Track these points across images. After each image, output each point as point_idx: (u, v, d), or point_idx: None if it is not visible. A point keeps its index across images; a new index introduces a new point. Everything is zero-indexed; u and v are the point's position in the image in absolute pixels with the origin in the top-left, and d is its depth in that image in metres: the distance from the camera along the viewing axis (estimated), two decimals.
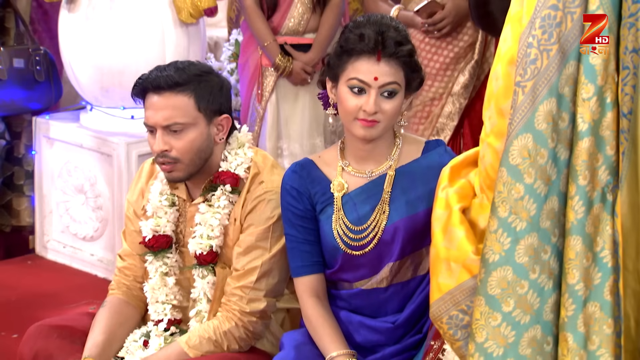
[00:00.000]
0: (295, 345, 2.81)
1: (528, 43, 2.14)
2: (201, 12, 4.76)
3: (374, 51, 2.66)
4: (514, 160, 2.14)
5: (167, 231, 3.01)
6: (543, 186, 2.14)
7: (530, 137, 2.13)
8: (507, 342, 2.17)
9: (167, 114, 2.86)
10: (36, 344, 2.96)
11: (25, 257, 5.14)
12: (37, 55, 5.00)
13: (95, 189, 4.86)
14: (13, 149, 5.17)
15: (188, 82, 2.87)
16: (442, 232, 2.32)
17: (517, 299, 2.16)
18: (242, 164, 2.96)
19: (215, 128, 2.92)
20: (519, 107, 2.14)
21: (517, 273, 2.16)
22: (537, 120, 2.13)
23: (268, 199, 2.92)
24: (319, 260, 2.85)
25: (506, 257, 2.16)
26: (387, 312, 2.84)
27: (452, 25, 4.35)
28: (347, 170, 2.83)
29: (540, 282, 2.17)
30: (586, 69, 2.11)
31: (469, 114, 4.46)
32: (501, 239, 2.16)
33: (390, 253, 2.78)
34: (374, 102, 2.67)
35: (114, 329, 2.99)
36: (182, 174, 2.91)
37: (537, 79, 2.12)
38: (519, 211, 2.15)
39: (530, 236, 2.15)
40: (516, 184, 2.14)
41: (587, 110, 2.11)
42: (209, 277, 2.96)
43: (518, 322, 2.17)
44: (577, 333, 2.15)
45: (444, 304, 2.30)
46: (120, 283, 3.11)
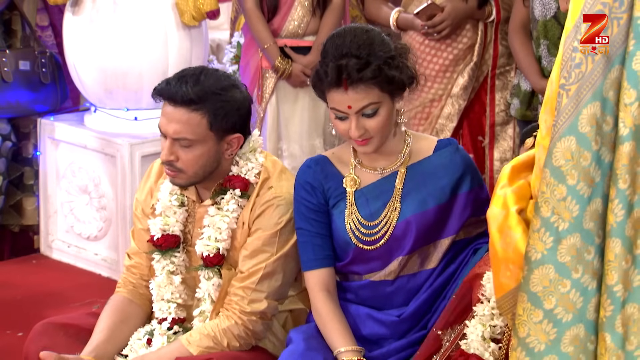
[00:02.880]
0: (304, 338, 2.85)
1: (573, 47, 2.12)
2: (204, 14, 4.78)
3: (339, 84, 2.71)
4: (557, 161, 2.14)
5: (175, 231, 3.02)
6: (586, 188, 2.13)
7: (573, 140, 2.12)
8: (549, 338, 2.18)
9: (177, 128, 2.86)
10: (42, 342, 2.97)
11: (30, 256, 5.15)
12: (43, 57, 5.01)
13: (99, 190, 4.88)
14: (21, 150, 5.17)
15: (204, 101, 2.85)
16: (498, 232, 2.31)
17: (559, 297, 2.17)
18: (253, 169, 2.97)
19: (225, 144, 2.92)
20: (563, 109, 2.13)
21: (559, 272, 2.16)
22: (580, 123, 2.12)
23: (277, 204, 2.94)
24: (330, 254, 2.88)
25: (548, 256, 2.16)
26: (393, 305, 2.88)
27: (451, 28, 4.36)
28: (360, 167, 2.88)
29: (584, 282, 2.16)
30: (629, 74, 2.09)
31: (468, 115, 4.48)
32: (543, 238, 2.16)
33: (401, 248, 2.82)
34: (355, 127, 2.73)
35: (114, 328, 3.00)
36: (184, 182, 2.94)
37: (581, 82, 2.11)
38: (561, 212, 2.14)
39: (572, 236, 2.15)
40: (559, 185, 2.14)
41: (628, 115, 2.09)
42: (215, 279, 2.97)
43: (560, 319, 2.17)
44: (615, 333, 2.14)
45: (507, 301, 2.30)
46: (127, 281, 3.12)
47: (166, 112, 2.89)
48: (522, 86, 4.29)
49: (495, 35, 4.44)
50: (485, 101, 4.49)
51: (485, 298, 2.64)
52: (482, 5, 4.39)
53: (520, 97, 4.29)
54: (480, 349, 2.61)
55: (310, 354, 2.78)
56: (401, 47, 2.80)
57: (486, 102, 4.49)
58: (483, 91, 4.49)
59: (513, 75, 4.45)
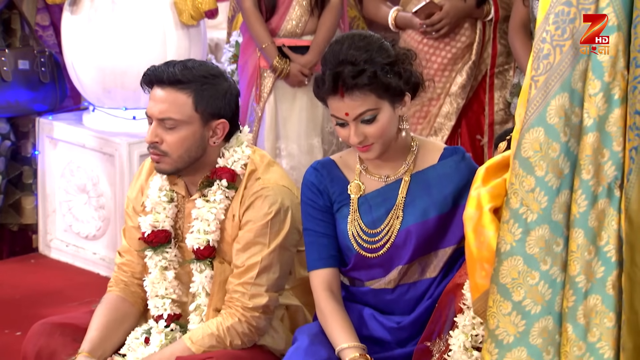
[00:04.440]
0: (309, 334, 2.86)
1: (542, 38, 2.13)
2: (202, 14, 4.80)
3: (335, 91, 2.71)
4: (525, 152, 2.14)
5: (165, 226, 3.03)
6: (555, 179, 2.14)
7: (542, 131, 2.13)
8: (518, 330, 2.17)
9: (163, 108, 2.90)
10: (39, 342, 2.99)
11: (28, 255, 5.16)
12: (42, 56, 5.02)
13: (97, 189, 4.89)
14: (20, 149, 5.17)
15: (190, 82, 2.90)
16: (473, 232, 2.31)
17: (528, 289, 2.16)
18: (239, 160, 2.98)
19: (210, 131, 2.94)
20: (532, 100, 2.14)
21: (528, 263, 2.16)
22: (549, 114, 2.13)
23: (265, 195, 2.95)
24: (335, 255, 2.89)
25: (517, 247, 2.16)
26: (395, 312, 2.89)
27: (450, 26, 4.37)
28: (365, 173, 2.88)
29: (552, 273, 2.16)
30: (594, 65, 2.10)
31: (466, 113, 4.49)
32: (512, 230, 2.16)
33: (401, 256, 2.83)
34: (354, 134, 2.73)
35: (109, 326, 3.01)
36: (169, 167, 2.95)
37: (549, 73, 2.12)
38: (529, 203, 2.14)
39: (541, 228, 2.15)
40: (527, 176, 2.14)
41: (593, 105, 2.10)
42: (207, 271, 2.98)
43: (528, 311, 2.17)
44: (576, 324, 2.15)
45: (484, 303, 2.29)
46: (119, 279, 3.13)
47: (154, 95, 2.93)
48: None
49: (493, 34, 4.45)
50: (484, 100, 4.49)
51: (467, 307, 2.62)
52: (481, 4, 4.40)
53: None
54: (464, 358, 2.60)
55: (314, 349, 2.80)
56: (404, 54, 2.78)
57: (485, 101, 4.49)
58: (482, 90, 4.50)
59: (512, 74, 4.46)
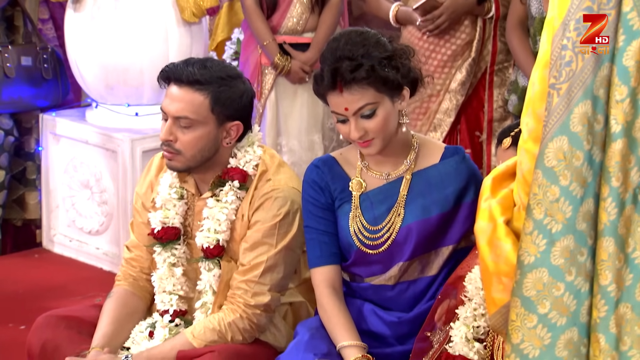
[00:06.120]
0: (309, 328, 2.88)
1: (562, 45, 2.08)
2: (204, 11, 4.82)
3: (334, 87, 2.73)
4: (549, 162, 2.09)
5: (175, 223, 3.05)
6: (579, 188, 2.09)
7: (565, 140, 2.08)
8: (543, 343, 2.13)
9: (180, 107, 2.91)
10: (44, 335, 3.01)
11: (32, 250, 5.17)
12: (45, 53, 5.02)
13: (100, 184, 4.90)
14: (24, 144, 5.18)
15: (209, 83, 2.91)
16: (487, 245, 2.26)
17: (553, 301, 2.11)
18: (251, 161, 3.00)
19: (225, 132, 2.96)
20: (554, 109, 2.09)
21: (553, 275, 2.11)
22: (572, 123, 2.08)
23: (275, 196, 2.97)
24: (336, 252, 2.91)
25: (541, 259, 2.11)
26: (394, 310, 2.90)
27: (450, 22, 4.38)
28: (366, 170, 2.90)
29: (577, 284, 2.12)
30: (620, 70, 2.06)
31: (466, 110, 4.49)
32: (536, 241, 2.11)
33: (401, 253, 2.85)
34: (354, 129, 2.75)
35: (121, 320, 3.03)
36: (181, 165, 2.97)
37: (572, 81, 2.07)
38: (554, 213, 2.10)
39: (566, 238, 2.10)
40: (551, 186, 2.09)
41: (620, 111, 2.06)
42: (215, 270, 3.00)
43: (554, 324, 2.12)
44: (609, 334, 2.11)
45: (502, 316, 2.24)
46: (127, 274, 3.14)
47: (170, 93, 2.94)
48: (519, 82, 4.31)
49: (494, 32, 4.45)
50: (484, 97, 4.50)
51: (468, 299, 2.64)
52: (482, 2, 4.40)
53: (518, 94, 4.31)
54: (465, 350, 2.62)
55: (315, 342, 2.82)
56: (401, 49, 2.80)
57: (484, 98, 4.50)
58: (481, 87, 4.51)
59: (511, 72, 4.47)
